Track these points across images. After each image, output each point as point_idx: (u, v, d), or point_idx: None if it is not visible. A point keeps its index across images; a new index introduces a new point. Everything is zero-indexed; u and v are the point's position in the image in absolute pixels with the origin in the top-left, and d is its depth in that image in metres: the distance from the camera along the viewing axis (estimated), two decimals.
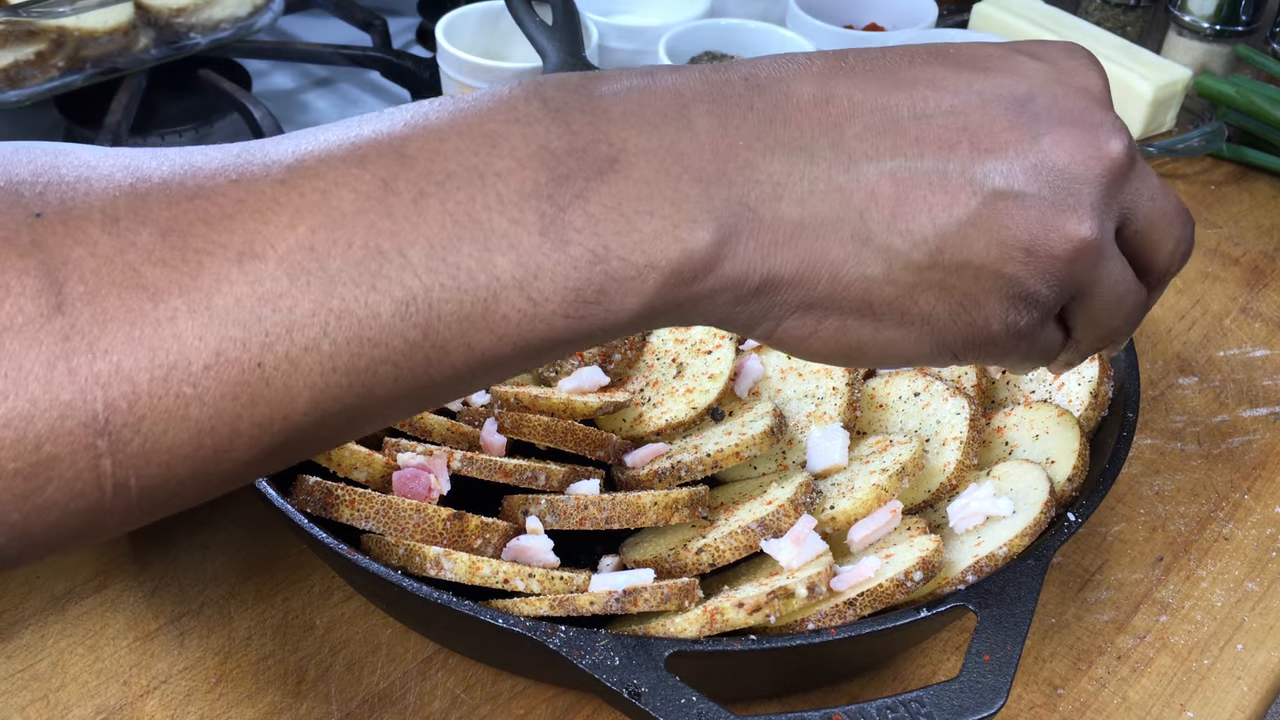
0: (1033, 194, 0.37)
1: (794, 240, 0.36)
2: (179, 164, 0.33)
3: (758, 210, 0.36)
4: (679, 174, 0.35)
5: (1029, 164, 0.37)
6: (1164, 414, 0.76)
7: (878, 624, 0.51)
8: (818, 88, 0.37)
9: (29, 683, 0.57)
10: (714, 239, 0.35)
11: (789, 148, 0.36)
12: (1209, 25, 1.04)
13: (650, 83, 0.37)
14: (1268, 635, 0.62)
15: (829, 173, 0.36)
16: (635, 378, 0.68)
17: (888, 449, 0.61)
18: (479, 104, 0.35)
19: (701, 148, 0.35)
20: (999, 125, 0.37)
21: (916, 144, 0.37)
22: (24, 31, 0.87)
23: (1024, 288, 0.38)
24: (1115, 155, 0.38)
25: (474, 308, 0.34)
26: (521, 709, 0.57)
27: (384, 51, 1.04)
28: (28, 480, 0.30)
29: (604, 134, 0.35)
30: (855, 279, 0.37)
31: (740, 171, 0.36)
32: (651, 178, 0.35)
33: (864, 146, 0.36)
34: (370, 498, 0.54)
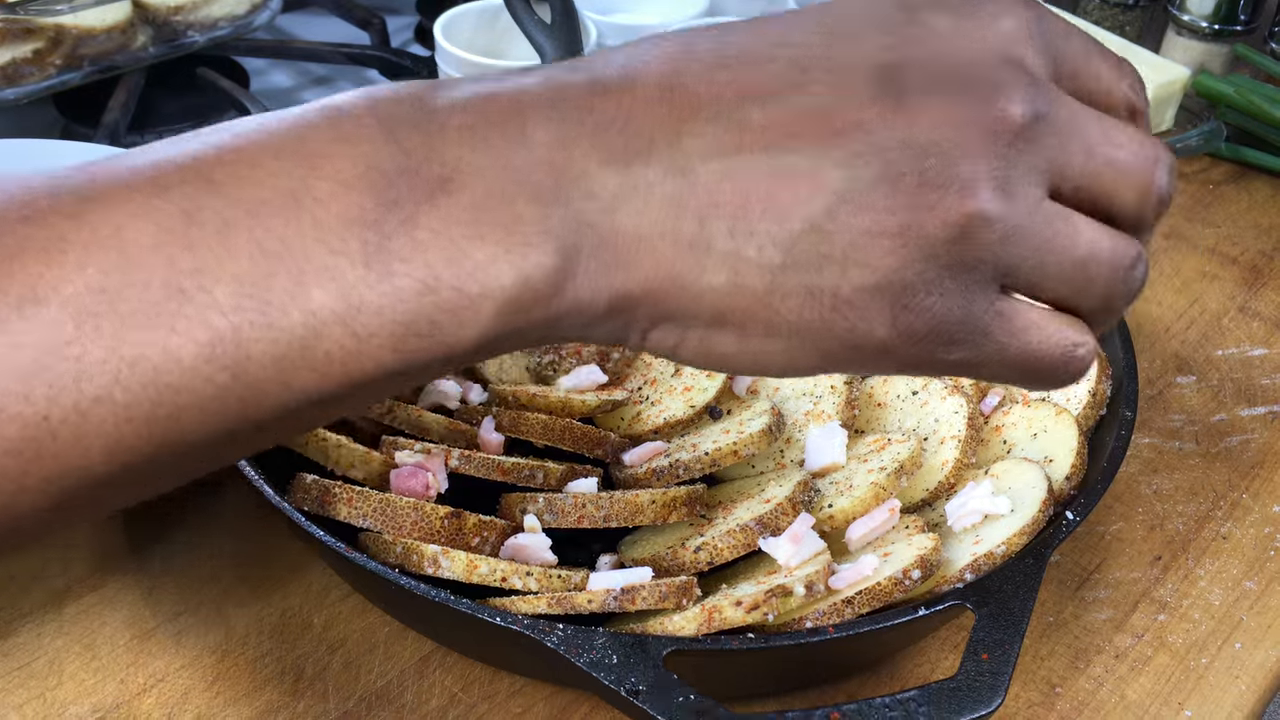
0: (897, 175, 0.32)
1: (635, 255, 0.33)
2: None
3: (596, 227, 0.33)
4: (514, 194, 0.32)
5: (893, 141, 0.32)
6: (1162, 413, 0.76)
7: (876, 622, 0.51)
8: (663, 81, 0.33)
9: (25, 681, 0.57)
10: (553, 263, 0.32)
11: (624, 156, 0.33)
12: (1208, 25, 1.04)
13: (491, 90, 0.34)
14: (1266, 634, 0.62)
15: (662, 178, 0.33)
16: (633, 376, 0.68)
17: (886, 447, 0.61)
18: (304, 120, 0.32)
19: (537, 163, 0.32)
20: (859, 102, 0.33)
21: (760, 134, 0.33)
22: (22, 29, 0.87)
23: (898, 278, 0.33)
24: (1007, 117, 0.33)
25: (290, 346, 0.31)
26: (519, 707, 0.57)
27: (382, 50, 1.04)
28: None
29: (437, 152, 0.32)
30: (699, 291, 0.33)
31: (576, 186, 0.33)
32: (483, 201, 0.32)
33: (703, 145, 0.33)
34: (368, 496, 0.54)
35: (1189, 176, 0.99)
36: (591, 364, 0.67)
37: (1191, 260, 0.89)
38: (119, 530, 0.64)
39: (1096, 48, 0.36)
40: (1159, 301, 0.85)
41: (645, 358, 0.68)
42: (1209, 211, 0.95)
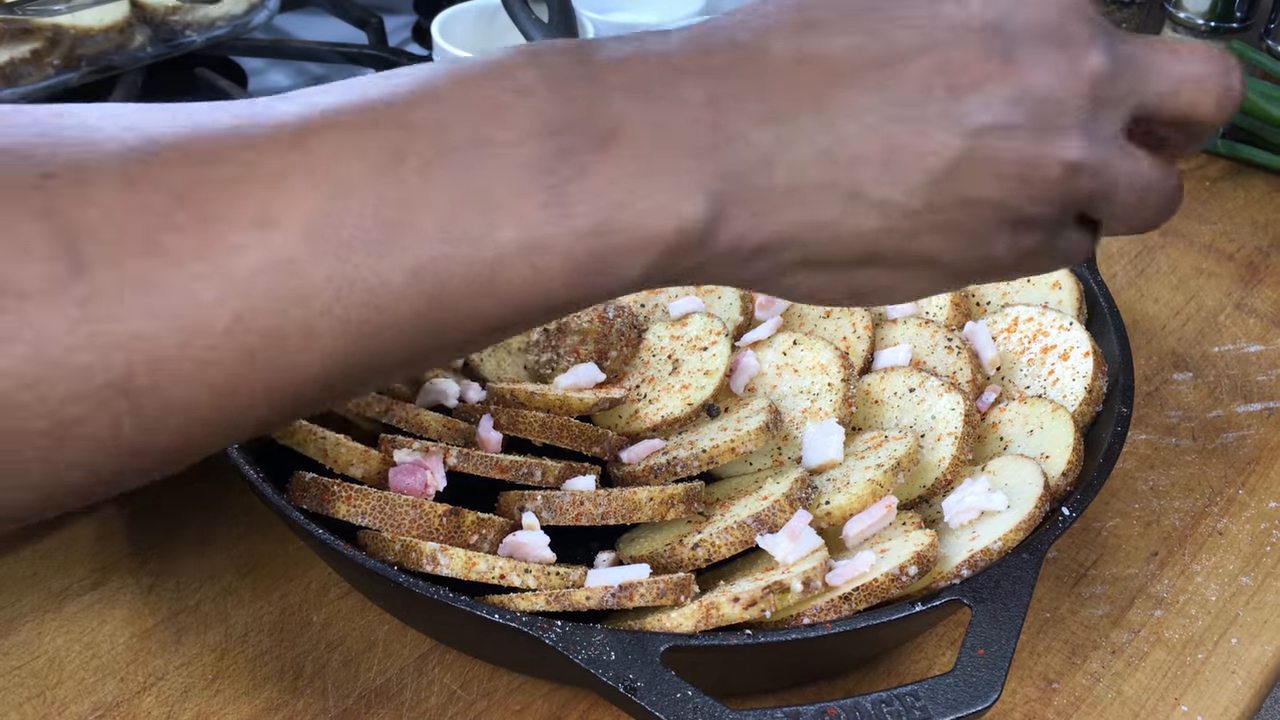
0: (1016, 124, 0.37)
1: (787, 204, 0.37)
2: (185, 125, 0.33)
3: (749, 179, 0.36)
4: (673, 147, 0.36)
5: (1008, 94, 0.37)
6: (1159, 409, 0.76)
7: (873, 618, 0.51)
8: (794, 45, 0.37)
9: (26, 679, 0.57)
10: (710, 210, 0.36)
11: (774, 116, 0.36)
12: (1204, 22, 1.04)
13: (641, 51, 0.37)
14: (1262, 629, 0.62)
15: (813, 138, 0.36)
16: (631, 374, 0.68)
17: (883, 444, 0.61)
18: (480, 71, 0.35)
19: (692, 119, 0.36)
20: (973, 58, 0.37)
21: (895, 92, 0.37)
22: (19, 29, 0.87)
23: (1024, 213, 0.39)
24: (1094, 68, 0.38)
25: (480, 276, 0.34)
26: (518, 704, 0.57)
27: (380, 49, 1.04)
28: (51, 440, 0.31)
29: (600, 107, 0.35)
30: (851, 234, 0.38)
31: (730, 143, 0.36)
32: (648, 152, 0.35)
33: (845, 105, 0.36)
34: (366, 494, 0.55)
35: (1185, 173, 0.99)
36: (589, 362, 0.67)
37: (1188, 257, 0.89)
38: (118, 529, 0.64)
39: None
40: (1155, 298, 0.85)
41: (643, 355, 0.69)
42: (1205, 208, 0.95)
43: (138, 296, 0.31)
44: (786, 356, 0.67)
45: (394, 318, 0.34)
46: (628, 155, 0.35)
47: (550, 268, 0.35)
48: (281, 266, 0.32)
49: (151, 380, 0.31)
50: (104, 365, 0.30)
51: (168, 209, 0.31)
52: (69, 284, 0.30)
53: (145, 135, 0.33)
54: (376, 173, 0.33)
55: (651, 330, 0.70)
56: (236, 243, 0.32)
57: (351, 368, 0.34)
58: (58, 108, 0.34)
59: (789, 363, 0.67)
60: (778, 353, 0.67)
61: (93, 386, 0.30)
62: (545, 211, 0.34)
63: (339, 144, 0.33)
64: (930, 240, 0.39)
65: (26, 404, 0.30)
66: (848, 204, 0.37)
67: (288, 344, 0.33)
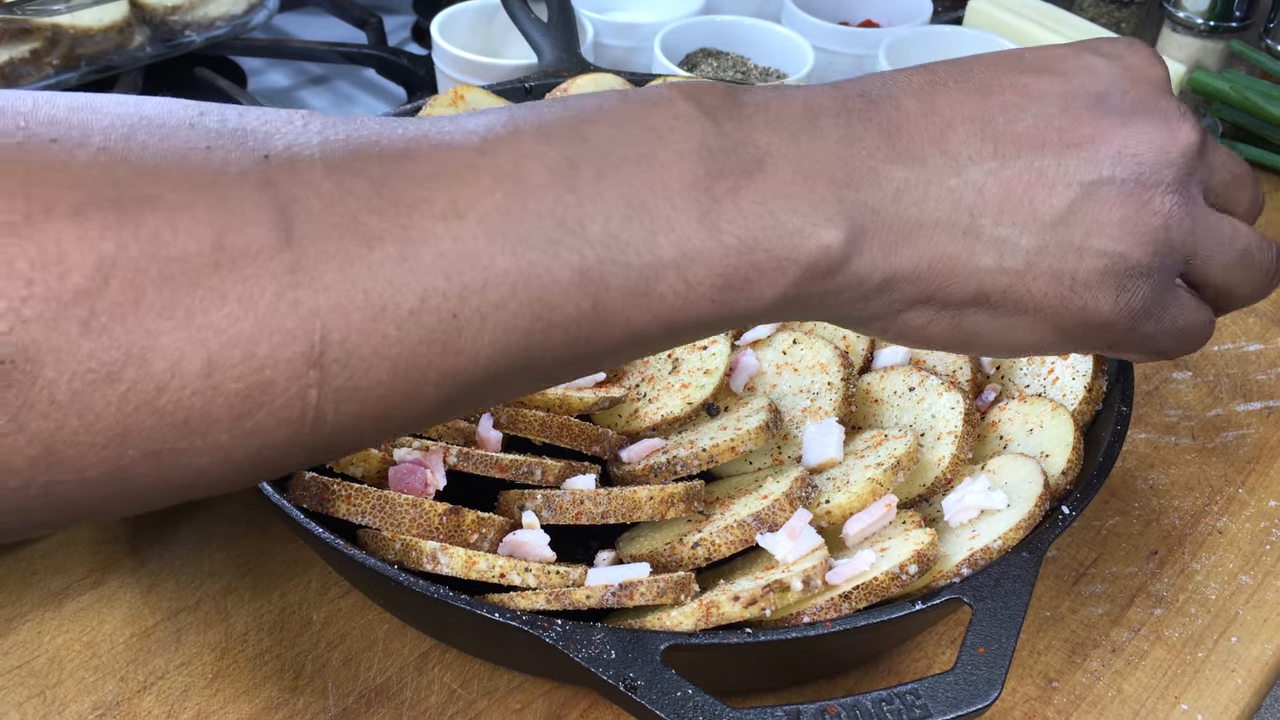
0: (1121, 178, 0.41)
1: (912, 239, 0.40)
2: (380, 127, 0.36)
3: (881, 212, 0.39)
4: (815, 177, 0.38)
5: (1113, 152, 0.41)
6: (1158, 408, 0.76)
7: (873, 617, 0.51)
8: (922, 102, 0.41)
9: (26, 679, 0.57)
10: (845, 237, 0.39)
11: (905, 157, 0.40)
12: (1203, 21, 1.04)
13: (784, 96, 0.41)
14: (1262, 628, 0.62)
15: (940, 177, 0.40)
16: (631, 373, 0.68)
17: (883, 443, 0.61)
18: (643, 100, 0.39)
19: (832, 155, 0.39)
20: (1082, 121, 0.41)
21: (1013, 145, 0.40)
22: (19, 29, 0.87)
23: (1126, 261, 0.41)
24: (1188, 137, 0.42)
25: (638, 283, 0.36)
26: (518, 703, 0.57)
27: (379, 49, 1.04)
28: (244, 401, 0.32)
29: (750, 138, 0.38)
30: (970, 271, 0.40)
31: (866, 178, 0.39)
32: (792, 179, 0.38)
33: (968, 151, 0.40)
34: (366, 493, 0.55)
35: None
36: None
37: None
38: (118, 528, 0.64)
39: None
40: None
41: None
42: None
43: (338, 270, 0.32)
44: (786, 355, 0.67)
45: (559, 316, 0.36)
46: (774, 181, 0.38)
47: (700, 282, 0.37)
48: (465, 256, 0.34)
49: (342, 352, 0.33)
50: (304, 331, 0.32)
51: (367, 194, 0.33)
52: (280, 251, 0.32)
53: (344, 131, 0.35)
54: (553, 178, 0.36)
55: None
56: (426, 230, 0.34)
57: (516, 362, 0.36)
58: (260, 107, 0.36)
59: (789, 362, 0.67)
60: (777, 352, 0.67)
61: (290, 352, 0.32)
62: (699, 226, 0.37)
63: (521, 151, 0.36)
64: (1039, 285, 0.41)
65: (228, 363, 0.31)
66: (967, 241, 0.40)
67: (464, 330, 0.34)
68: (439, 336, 0.34)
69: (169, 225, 0.31)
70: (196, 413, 0.31)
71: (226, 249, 0.31)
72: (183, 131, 0.33)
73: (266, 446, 0.33)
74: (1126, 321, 0.42)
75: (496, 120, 0.37)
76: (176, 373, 0.31)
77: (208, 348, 0.31)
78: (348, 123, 0.36)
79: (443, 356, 0.34)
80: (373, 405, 0.34)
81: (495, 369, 0.36)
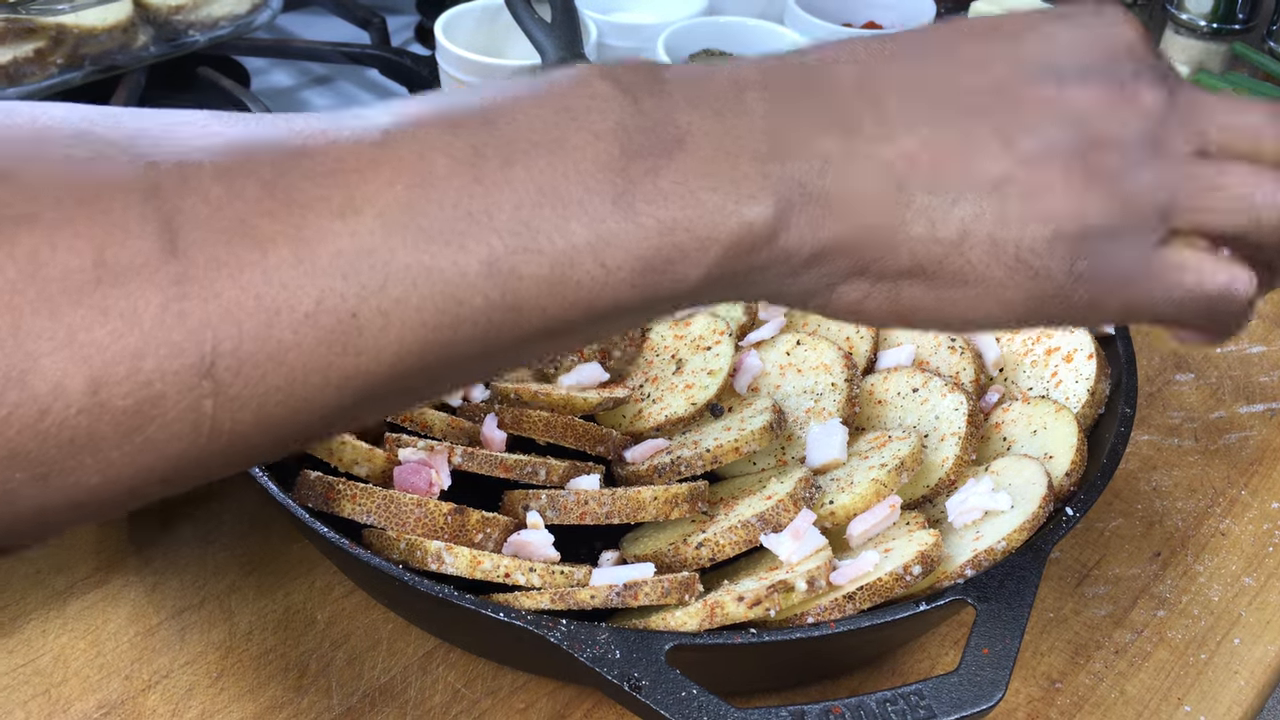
0: (1066, 140, 0.38)
1: (841, 211, 0.38)
2: (280, 125, 0.35)
3: (807, 185, 0.38)
4: (738, 154, 0.37)
5: (1057, 115, 0.39)
6: (1161, 410, 0.76)
7: (877, 617, 0.51)
8: (859, 69, 0.40)
9: (31, 677, 0.57)
10: (770, 213, 0.37)
11: (834, 126, 0.39)
12: (1206, 24, 1.04)
13: (709, 72, 0.39)
14: (1264, 629, 0.62)
15: (870, 146, 0.38)
16: (635, 374, 0.68)
17: (886, 444, 0.61)
18: (556, 82, 0.38)
19: (756, 130, 0.38)
20: (1028, 85, 0.39)
21: (949, 110, 0.39)
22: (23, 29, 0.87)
23: (1079, 224, 0.39)
24: (1147, 96, 0.39)
25: (551, 271, 0.35)
26: (522, 703, 0.57)
27: (382, 49, 1.04)
28: (133, 418, 0.31)
29: (670, 116, 0.37)
30: (900, 241, 0.39)
31: (791, 151, 0.38)
32: (713, 157, 0.37)
33: (902, 118, 0.39)
34: (372, 492, 0.55)
35: None
36: (593, 361, 0.67)
37: None
38: (122, 527, 0.64)
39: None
40: None
41: (646, 355, 0.69)
42: None
43: (228, 278, 0.32)
44: (790, 356, 0.67)
45: (468, 310, 0.35)
46: (694, 159, 0.37)
47: (619, 266, 0.36)
48: (363, 254, 0.33)
49: (235, 361, 0.32)
50: (194, 343, 0.31)
51: (259, 196, 0.33)
52: (165, 263, 0.31)
53: (239, 132, 0.34)
54: (457, 168, 0.35)
55: (655, 330, 0.70)
56: (322, 229, 0.33)
57: (424, 359, 0.35)
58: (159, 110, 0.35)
59: (792, 363, 0.67)
60: (781, 353, 0.67)
61: (180, 365, 0.31)
62: (615, 208, 0.36)
63: (424, 143, 0.35)
64: (975, 254, 0.39)
65: (115, 380, 0.31)
66: (897, 211, 0.38)
67: (365, 330, 0.34)
68: (338, 338, 0.33)
69: (47, 243, 0.30)
70: (83, 431, 0.31)
71: (108, 264, 0.30)
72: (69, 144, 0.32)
73: (161, 460, 0.32)
74: (1088, 290, 0.40)
75: (402, 112, 0.36)
76: (60, 394, 0.30)
77: (91, 366, 0.30)
78: (249, 121, 0.35)
79: (343, 358, 0.34)
80: (272, 412, 0.33)
81: (402, 367, 0.35)
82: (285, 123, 0.35)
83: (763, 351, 0.68)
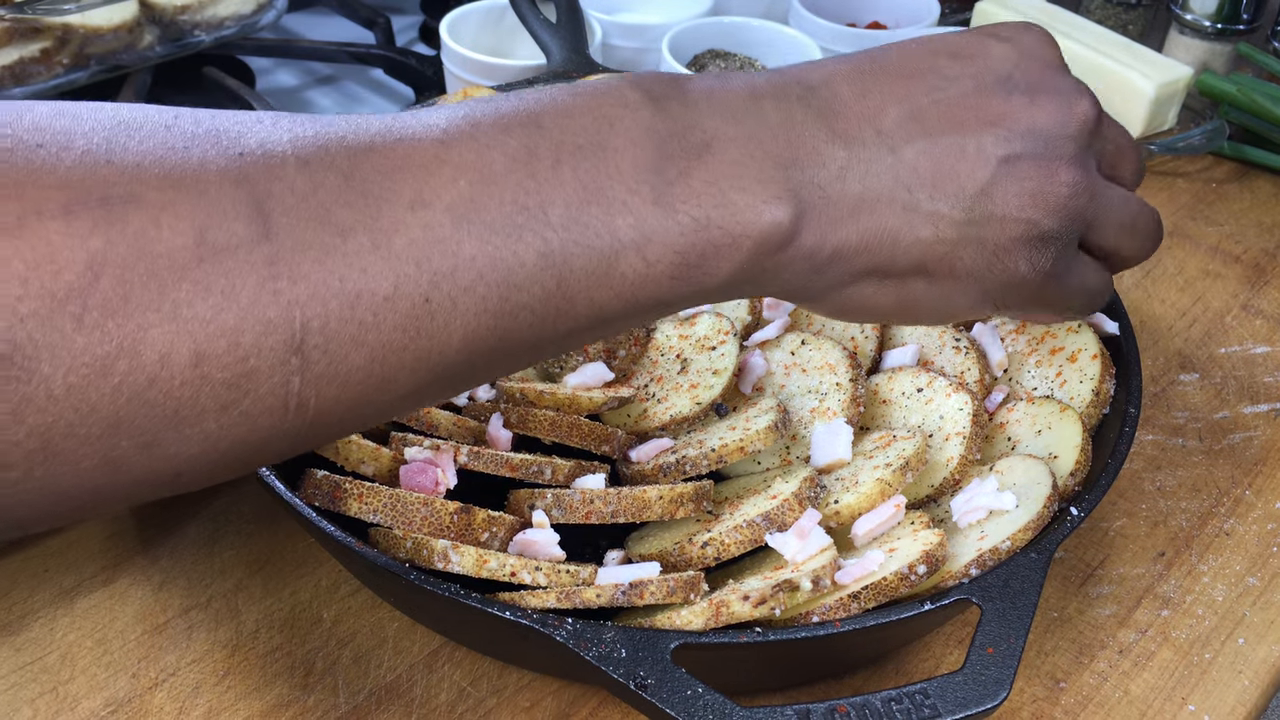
0: (1030, 153, 0.45)
1: (857, 214, 0.42)
2: (345, 124, 0.37)
3: (827, 189, 0.42)
4: (761, 158, 0.41)
5: (1022, 129, 0.45)
6: (1165, 410, 0.76)
7: (882, 617, 0.51)
8: (854, 86, 0.44)
9: (38, 675, 0.57)
10: (794, 213, 0.41)
11: (844, 137, 0.43)
12: (1210, 24, 1.04)
13: (726, 83, 0.43)
14: (1269, 629, 0.62)
15: (879, 155, 0.43)
16: (640, 373, 0.68)
17: (891, 444, 0.61)
18: (593, 90, 0.40)
19: (776, 136, 0.41)
20: (993, 100, 0.45)
21: (937, 123, 0.44)
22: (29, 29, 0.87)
23: (1039, 228, 0.45)
24: (1085, 112, 0.47)
25: (599, 264, 0.38)
26: (528, 701, 0.57)
27: (387, 49, 1.04)
28: (230, 390, 0.33)
29: (697, 122, 0.40)
30: (911, 242, 0.44)
31: (809, 157, 0.42)
32: (740, 160, 0.40)
33: (900, 131, 0.43)
34: (378, 491, 0.55)
35: (1191, 175, 0.99)
36: (598, 361, 0.67)
37: (1195, 259, 0.90)
38: (129, 526, 0.64)
39: None
40: (1162, 299, 0.86)
41: (651, 354, 0.69)
42: (1212, 210, 0.95)
43: (314, 261, 0.34)
44: (795, 356, 0.67)
45: (526, 297, 0.37)
46: (722, 161, 0.40)
47: (659, 260, 0.39)
48: (434, 243, 0.35)
49: (322, 339, 0.34)
50: (285, 321, 0.33)
51: (338, 187, 0.35)
52: (259, 244, 0.33)
53: (313, 128, 0.36)
54: (513, 166, 0.37)
55: (660, 330, 0.70)
56: (396, 220, 0.35)
57: (487, 342, 0.37)
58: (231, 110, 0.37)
59: (797, 362, 0.67)
60: (786, 352, 0.68)
61: (273, 341, 0.33)
62: (655, 207, 0.39)
63: (481, 142, 0.37)
64: (969, 253, 0.45)
65: (214, 353, 0.32)
66: (906, 215, 0.43)
67: (436, 315, 0.36)
68: (413, 321, 0.35)
69: (153, 222, 0.32)
70: (186, 403, 0.32)
71: (208, 243, 0.32)
72: (160, 133, 0.34)
73: (253, 433, 0.34)
74: (1039, 280, 0.46)
75: (456, 114, 0.38)
76: (166, 364, 0.32)
77: (195, 339, 0.32)
78: (315, 120, 0.37)
79: (417, 340, 0.36)
80: (352, 390, 0.35)
81: (468, 351, 0.37)
82: (350, 122, 0.37)
83: (767, 351, 0.68)
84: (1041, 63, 0.47)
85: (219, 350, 0.32)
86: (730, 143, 0.40)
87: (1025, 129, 0.45)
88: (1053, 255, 0.46)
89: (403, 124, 0.38)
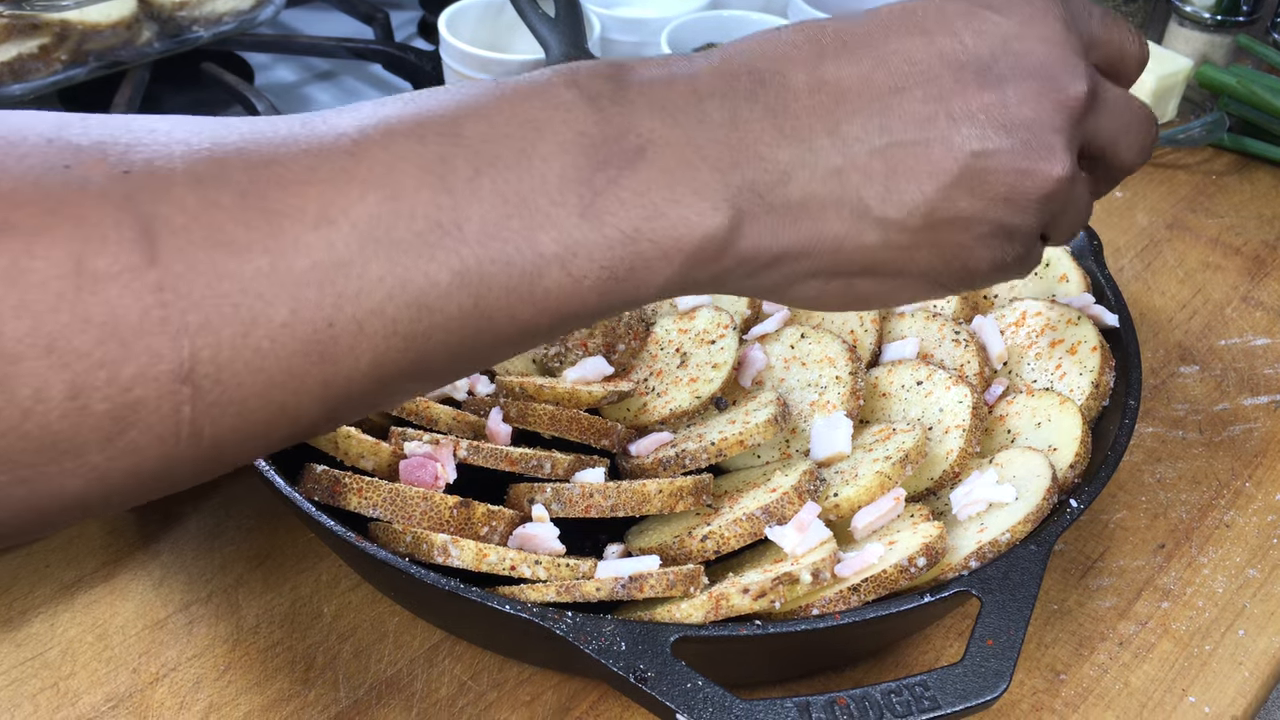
0: (1005, 148, 0.41)
1: (799, 220, 0.40)
2: (248, 131, 0.35)
3: (766, 196, 0.39)
4: (698, 164, 0.38)
5: (999, 122, 0.41)
6: (1165, 402, 0.76)
7: (882, 609, 0.51)
8: (809, 74, 0.40)
9: (39, 670, 0.57)
10: (729, 222, 0.39)
11: (792, 138, 0.40)
12: (1210, 16, 1.04)
13: (669, 75, 0.40)
14: (1269, 621, 0.62)
15: (827, 158, 0.40)
16: (639, 367, 0.68)
17: (891, 437, 0.61)
18: (521, 89, 0.38)
19: (716, 139, 0.39)
20: (969, 91, 0.41)
21: (900, 120, 0.40)
22: (28, 25, 0.87)
23: (1007, 227, 0.43)
24: (1075, 96, 0.42)
25: (520, 280, 0.36)
26: (528, 695, 0.57)
27: (386, 44, 1.04)
28: (114, 422, 0.31)
29: (633, 125, 0.38)
30: (856, 249, 0.41)
31: (750, 162, 0.39)
32: (675, 167, 0.38)
33: (854, 130, 0.40)
34: (378, 486, 0.55)
35: (1192, 167, 0.99)
36: (597, 355, 0.67)
37: (1195, 251, 0.90)
38: (130, 522, 0.65)
39: (1109, 17, 0.47)
40: (1162, 291, 0.85)
41: (651, 349, 0.69)
42: (1212, 202, 0.95)
43: (206, 286, 0.32)
44: (794, 350, 0.67)
45: (441, 318, 0.35)
46: (657, 169, 0.37)
47: (585, 275, 0.37)
48: (338, 264, 0.33)
49: (213, 368, 0.32)
50: (172, 350, 0.31)
51: (234, 205, 0.33)
52: (145, 270, 0.31)
53: (209, 138, 0.34)
54: (427, 180, 0.35)
55: (659, 324, 0.70)
56: (297, 240, 0.33)
57: (400, 366, 0.36)
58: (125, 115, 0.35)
59: (796, 356, 0.67)
60: (785, 346, 0.68)
61: (159, 371, 0.31)
62: (581, 219, 0.36)
63: (394, 153, 0.35)
64: (923, 255, 0.42)
65: (96, 384, 0.31)
66: (854, 221, 0.41)
67: (340, 339, 0.34)
68: (315, 346, 0.33)
69: (26, 251, 0.30)
70: (64, 436, 0.31)
71: (87, 272, 0.31)
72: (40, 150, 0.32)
73: (143, 464, 0.33)
74: (994, 272, 0.45)
75: (371, 118, 0.36)
76: (41, 398, 0.30)
77: (72, 371, 0.30)
78: (215, 127, 0.35)
79: (320, 366, 0.34)
80: (252, 417, 0.34)
81: (378, 374, 0.35)
82: (253, 128, 0.35)
83: (767, 345, 0.68)
84: (1037, 41, 0.42)
85: (99, 382, 0.31)
86: (666, 147, 0.38)
87: (1002, 123, 0.41)
88: (1017, 251, 0.44)
89: (310, 130, 0.35)
